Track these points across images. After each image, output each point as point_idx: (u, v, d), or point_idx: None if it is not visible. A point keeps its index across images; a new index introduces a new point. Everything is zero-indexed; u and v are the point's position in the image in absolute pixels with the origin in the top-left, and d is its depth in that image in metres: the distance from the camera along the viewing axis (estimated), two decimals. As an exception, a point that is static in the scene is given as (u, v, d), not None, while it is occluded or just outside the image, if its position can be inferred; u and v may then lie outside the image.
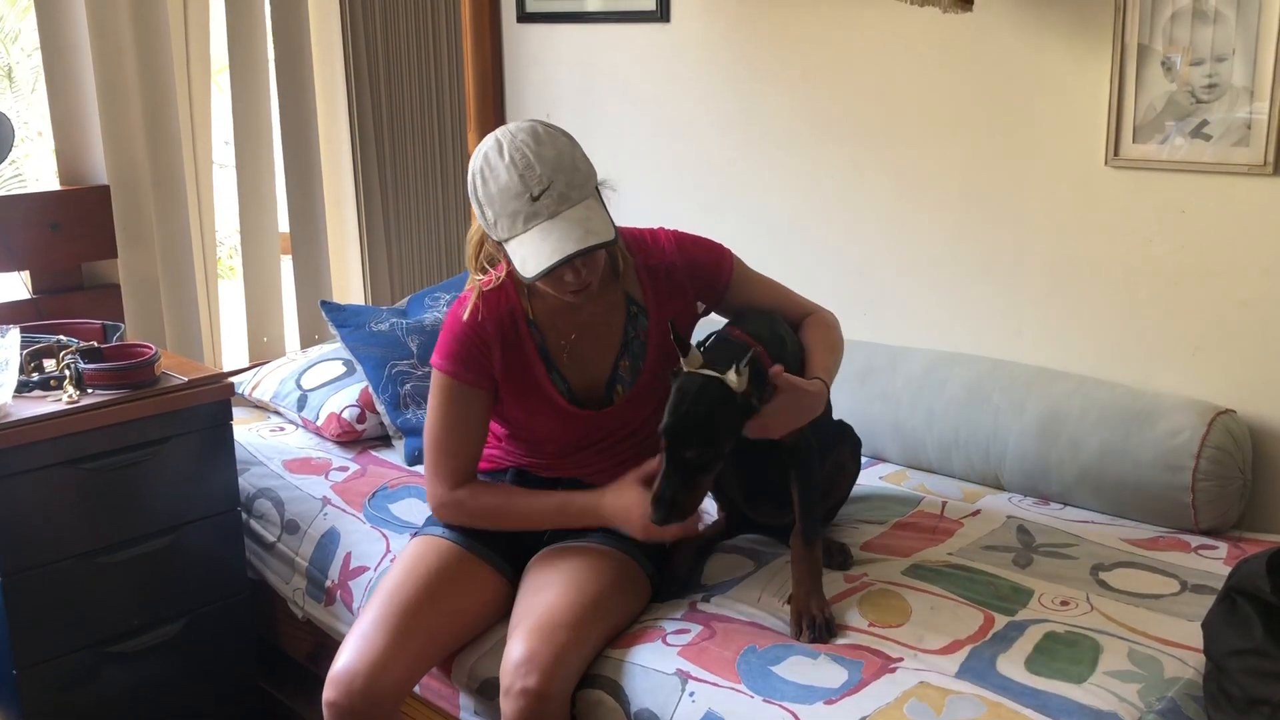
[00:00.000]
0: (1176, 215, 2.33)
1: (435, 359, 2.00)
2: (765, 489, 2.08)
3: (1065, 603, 1.95)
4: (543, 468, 2.09)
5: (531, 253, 1.79)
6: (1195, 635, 1.77)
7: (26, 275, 2.72)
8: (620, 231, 2.03)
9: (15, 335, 2.17)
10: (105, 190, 2.78)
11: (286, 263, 3.31)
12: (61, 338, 2.38)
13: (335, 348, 2.98)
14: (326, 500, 2.50)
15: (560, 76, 3.31)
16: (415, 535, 2.12)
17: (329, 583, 2.35)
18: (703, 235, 2.10)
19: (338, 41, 3.20)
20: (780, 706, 1.70)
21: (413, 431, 2.69)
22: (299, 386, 2.89)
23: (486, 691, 1.96)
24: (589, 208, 1.82)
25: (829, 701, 1.70)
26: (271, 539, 2.51)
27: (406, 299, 3.08)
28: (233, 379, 2.79)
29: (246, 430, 2.84)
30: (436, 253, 3.50)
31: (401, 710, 1.93)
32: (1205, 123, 2.24)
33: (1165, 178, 2.32)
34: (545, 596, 1.89)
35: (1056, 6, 2.40)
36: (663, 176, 3.13)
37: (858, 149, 2.76)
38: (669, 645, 1.87)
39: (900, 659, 1.79)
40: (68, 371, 2.22)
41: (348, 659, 1.86)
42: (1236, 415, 2.27)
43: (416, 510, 2.40)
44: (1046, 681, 1.72)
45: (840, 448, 2.17)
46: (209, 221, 3.11)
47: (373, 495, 2.49)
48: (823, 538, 2.14)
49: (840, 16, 2.72)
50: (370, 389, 2.76)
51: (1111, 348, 2.45)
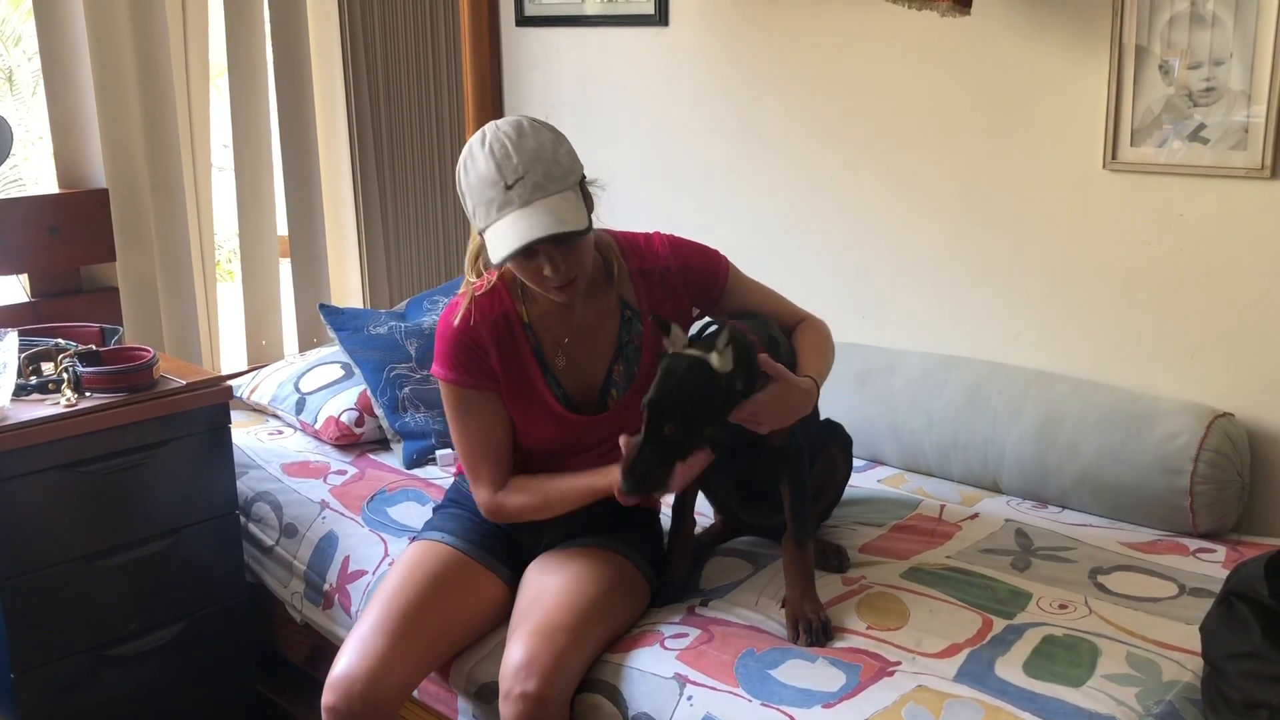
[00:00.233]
0: (1174, 219, 2.33)
1: (435, 369, 2.00)
2: (758, 491, 2.08)
3: (1063, 606, 1.95)
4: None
5: (501, 239, 1.80)
6: (1193, 638, 1.77)
7: (25, 278, 2.72)
8: (614, 236, 2.04)
9: (13, 338, 2.17)
10: (104, 193, 2.78)
11: (285, 266, 3.31)
12: (60, 341, 2.38)
13: (334, 351, 2.98)
14: (325, 504, 2.50)
15: (559, 80, 3.31)
16: (414, 539, 2.12)
17: (327, 586, 2.35)
18: (699, 240, 2.10)
19: (336, 44, 3.21)
20: (778, 710, 1.70)
21: (411, 435, 2.69)
22: (297, 390, 2.89)
23: (485, 695, 1.96)
24: (565, 199, 1.81)
25: (827, 705, 1.70)
26: (270, 542, 2.51)
27: (405, 302, 3.08)
28: (231, 382, 2.79)
29: (245, 434, 2.84)
30: (435, 256, 3.50)
31: (400, 714, 1.92)
32: (1203, 126, 2.24)
33: (1163, 181, 2.32)
34: (545, 600, 1.89)
35: (1054, 10, 2.40)
36: (661, 180, 3.13)
37: (856, 152, 2.76)
38: (667, 649, 1.87)
39: (898, 662, 1.79)
40: (66, 375, 2.22)
41: (347, 663, 1.86)
42: (1234, 418, 2.27)
43: (414, 514, 2.40)
44: (1045, 685, 1.71)
45: (831, 448, 2.17)
46: (208, 225, 3.11)
47: (371, 499, 2.49)
48: (820, 540, 2.14)
49: (838, 20, 2.72)
50: (369, 392, 2.76)
51: (1110, 351, 2.45)
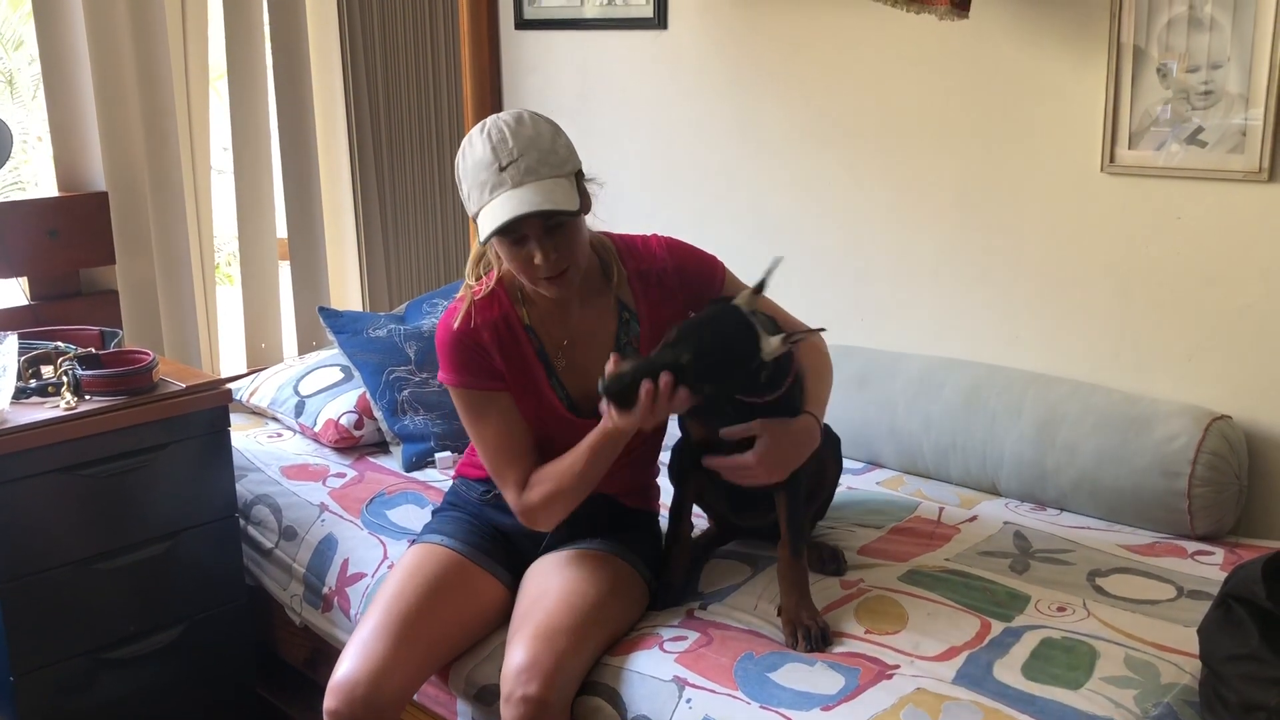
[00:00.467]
0: (1172, 221, 2.33)
1: (442, 375, 1.99)
2: (748, 499, 2.07)
3: (1062, 608, 1.95)
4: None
5: (490, 218, 1.81)
6: (1191, 641, 1.77)
7: (24, 281, 2.73)
8: (612, 238, 2.05)
9: (13, 341, 2.18)
10: (103, 197, 2.78)
11: (284, 269, 3.31)
12: (59, 344, 2.39)
13: (333, 354, 2.99)
14: (324, 506, 2.50)
15: (558, 83, 3.31)
16: (414, 542, 2.12)
17: (326, 589, 2.35)
18: (697, 243, 2.10)
19: (336, 48, 3.21)
20: (777, 713, 1.71)
21: (410, 438, 2.69)
22: (297, 393, 2.89)
23: (484, 698, 1.96)
24: (558, 184, 1.82)
25: (826, 708, 1.70)
26: (269, 545, 2.51)
27: (404, 305, 3.09)
28: (230, 385, 2.80)
29: (244, 436, 2.84)
30: (434, 259, 3.50)
31: (401, 718, 1.92)
32: (1201, 129, 2.25)
33: (1161, 184, 2.32)
34: (545, 603, 1.89)
35: (1053, 13, 2.41)
36: (659, 182, 3.13)
37: (854, 156, 2.77)
38: (666, 652, 1.87)
39: (897, 665, 1.79)
40: (65, 378, 2.22)
41: (349, 667, 1.85)
42: (1232, 421, 2.27)
43: (414, 516, 2.40)
44: (1043, 688, 1.72)
45: (822, 449, 2.16)
46: (207, 228, 3.12)
47: (370, 501, 2.49)
48: (818, 543, 2.15)
49: (837, 24, 2.73)
50: (368, 395, 2.76)
51: (1108, 353, 2.46)
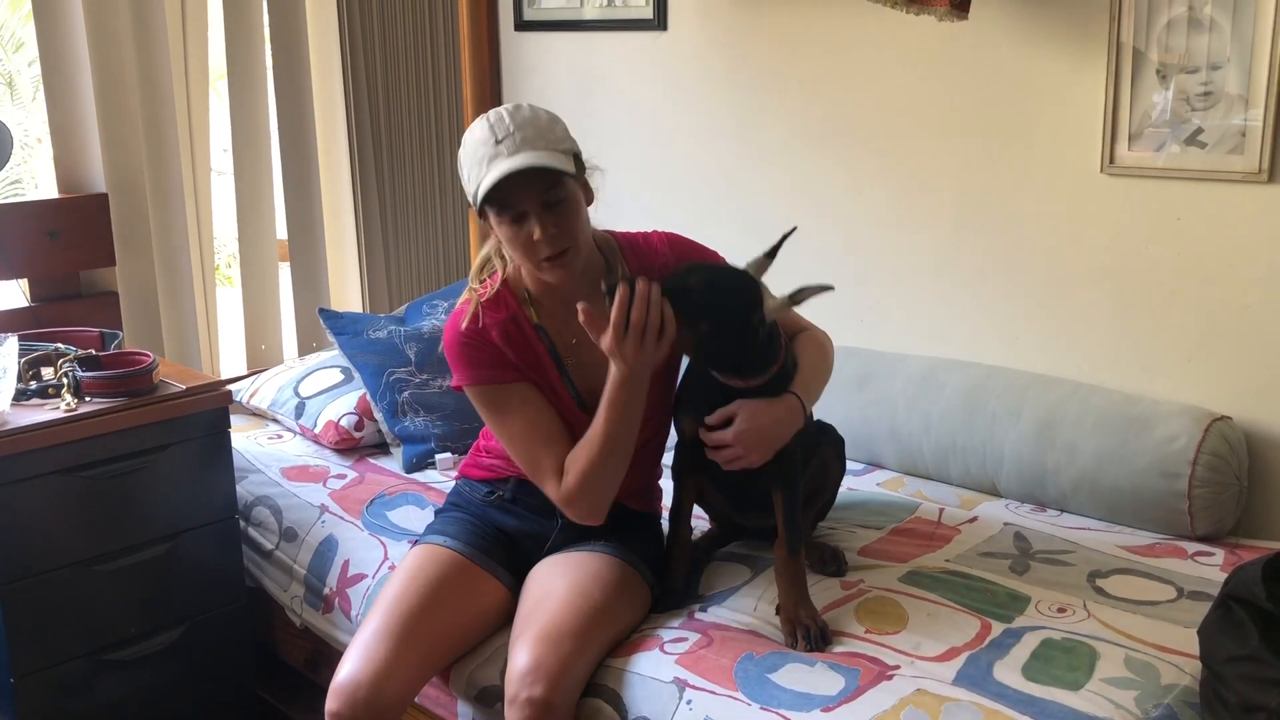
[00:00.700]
0: (1172, 222, 2.33)
1: (457, 379, 1.98)
2: (749, 495, 2.08)
3: (1062, 609, 1.95)
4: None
5: (486, 185, 1.82)
6: (1192, 642, 1.77)
7: (24, 283, 2.73)
8: (616, 236, 2.06)
9: (13, 343, 2.18)
10: (104, 198, 2.78)
11: (284, 270, 3.31)
12: (59, 346, 2.39)
13: (333, 355, 2.99)
14: (324, 508, 2.50)
15: (557, 85, 3.31)
16: (415, 543, 2.12)
17: (327, 590, 2.35)
18: (698, 242, 2.11)
19: (336, 49, 3.21)
20: (777, 714, 1.71)
21: (410, 439, 2.69)
22: (297, 394, 2.89)
23: (485, 699, 1.96)
24: (554, 156, 1.83)
25: (826, 709, 1.70)
26: (269, 546, 2.52)
27: (404, 306, 3.09)
28: (231, 387, 2.80)
29: (244, 438, 2.84)
30: (434, 260, 3.50)
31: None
32: (1200, 130, 2.25)
33: (1160, 185, 2.33)
34: (549, 605, 1.89)
35: (1052, 14, 2.41)
36: (659, 184, 3.13)
37: (854, 156, 2.77)
38: (666, 653, 1.87)
39: (897, 666, 1.79)
40: (66, 379, 2.23)
41: (351, 669, 1.85)
42: (1232, 422, 2.27)
43: (414, 518, 2.40)
44: (1043, 689, 1.72)
45: (823, 449, 2.17)
46: (207, 229, 3.12)
47: (371, 503, 2.50)
48: (818, 544, 2.15)
49: (837, 25, 2.73)
50: (368, 396, 2.76)
51: (1107, 354, 2.46)
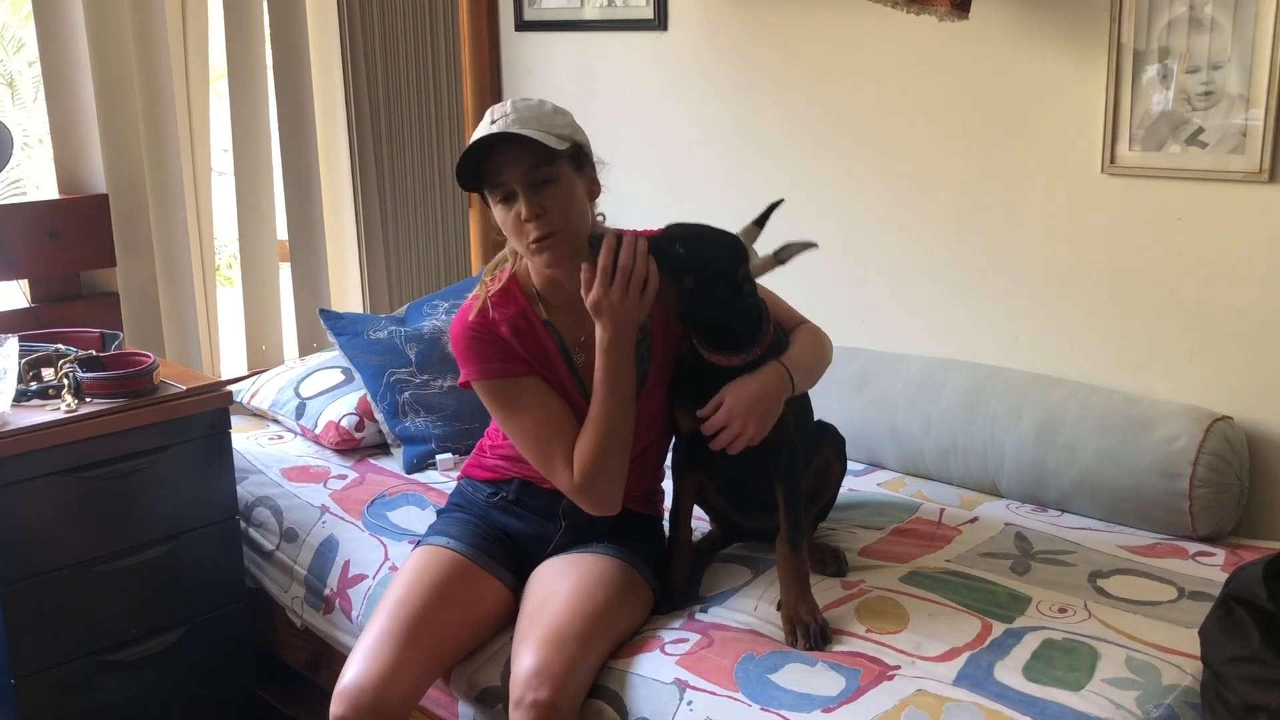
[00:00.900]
0: (1173, 222, 2.33)
1: (465, 374, 1.97)
2: (751, 496, 2.08)
3: (1063, 610, 1.95)
4: (545, 478, 2.08)
5: (463, 154, 1.87)
6: (1193, 642, 1.77)
7: (25, 284, 2.73)
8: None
9: (14, 344, 2.18)
10: (104, 199, 2.78)
11: (285, 270, 3.31)
12: (60, 346, 2.39)
13: (333, 356, 2.99)
14: (325, 508, 2.50)
15: (558, 85, 3.31)
16: (418, 545, 2.12)
17: (328, 591, 2.35)
18: None
19: (336, 49, 3.21)
20: (778, 715, 1.70)
21: (411, 439, 2.69)
22: (297, 395, 2.89)
23: (486, 700, 1.96)
24: (545, 136, 1.85)
25: (827, 709, 1.70)
26: (270, 547, 2.52)
27: (405, 307, 3.08)
28: (231, 387, 2.80)
29: (245, 438, 2.84)
30: (435, 260, 3.50)
31: (405, 721, 1.92)
32: (1201, 130, 2.25)
33: (1161, 185, 2.33)
34: (553, 607, 1.88)
35: (1052, 14, 2.41)
36: (660, 184, 3.13)
37: (854, 157, 2.77)
38: (667, 654, 1.87)
39: (898, 666, 1.79)
40: (66, 380, 2.23)
41: (356, 672, 1.84)
42: (1233, 422, 2.27)
43: (415, 518, 2.40)
44: (1044, 689, 1.72)
45: (825, 448, 2.17)
46: (207, 229, 3.12)
47: (371, 503, 2.49)
48: (819, 544, 2.15)
49: (837, 25, 2.73)
50: (369, 397, 2.76)
51: (1108, 354, 2.46)
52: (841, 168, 2.79)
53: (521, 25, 3.38)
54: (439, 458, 2.66)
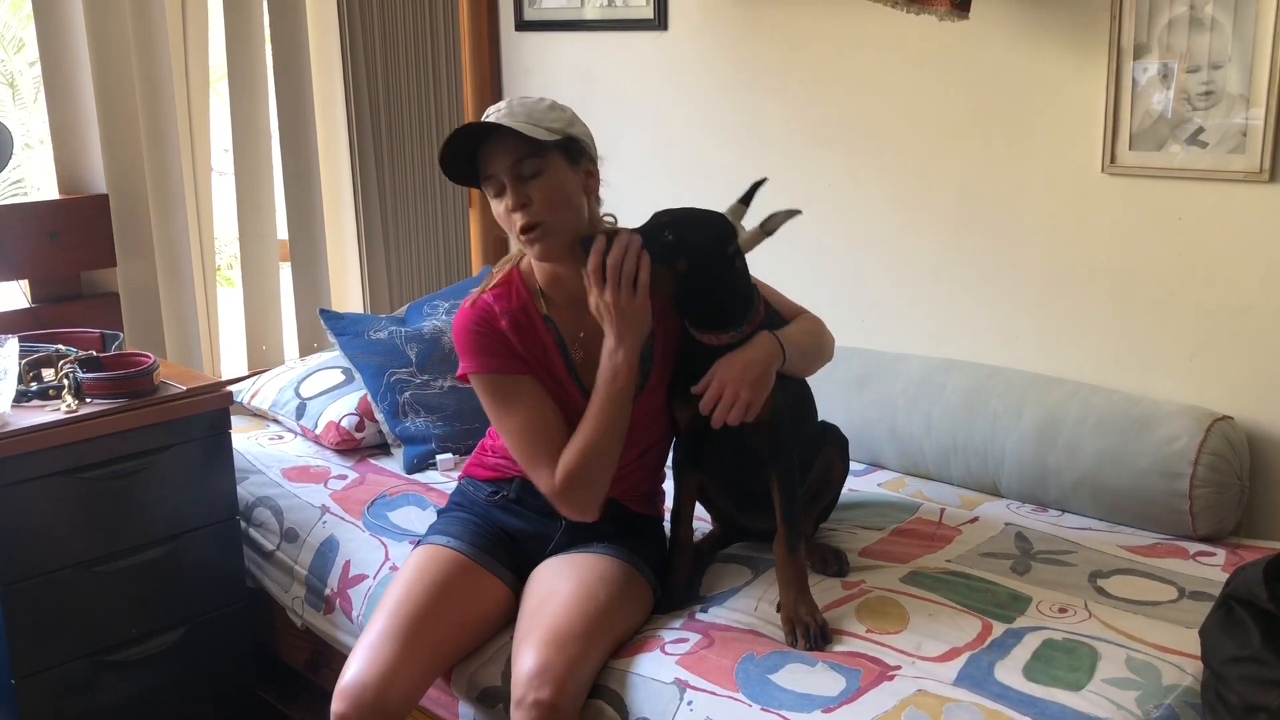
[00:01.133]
0: (1173, 222, 2.33)
1: (463, 367, 1.98)
2: (752, 494, 2.08)
3: (1063, 610, 1.95)
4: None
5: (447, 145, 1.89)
6: (1193, 642, 1.77)
7: (25, 284, 2.73)
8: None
9: (14, 345, 2.18)
10: (104, 199, 2.79)
11: (285, 270, 3.31)
12: (60, 347, 2.39)
13: (334, 356, 2.99)
14: (325, 508, 2.50)
15: (558, 84, 3.31)
16: (418, 544, 2.12)
17: (328, 591, 2.35)
18: None
19: (336, 48, 3.21)
20: (778, 715, 1.70)
21: (411, 440, 2.69)
22: (298, 395, 2.89)
23: (487, 700, 1.96)
24: (529, 128, 1.86)
25: (827, 709, 1.70)
26: (270, 547, 2.52)
27: (405, 307, 3.09)
28: (231, 387, 2.80)
29: (245, 439, 2.84)
30: (435, 261, 3.50)
31: (406, 720, 1.92)
32: (1201, 130, 2.25)
33: (1162, 185, 2.32)
34: (554, 606, 1.88)
35: (1053, 13, 2.41)
36: (660, 184, 3.13)
37: (855, 156, 2.77)
38: (667, 654, 1.87)
39: (898, 666, 1.79)
40: (66, 381, 2.22)
41: (357, 670, 1.84)
42: (1234, 422, 2.27)
43: (415, 518, 2.40)
44: (1044, 689, 1.72)
45: (827, 448, 2.17)
46: (208, 230, 3.12)
47: (371, 503, 2.49)
48: (820, 544, 2.15)
49: (837, 25, 2.73)
50: (369, 397, 2.76)
51: (1108, 354, 2.46)
52: (842, 167, 2.79)
53: (521, 25, 3.38)
54: (439, 458, 2.66)
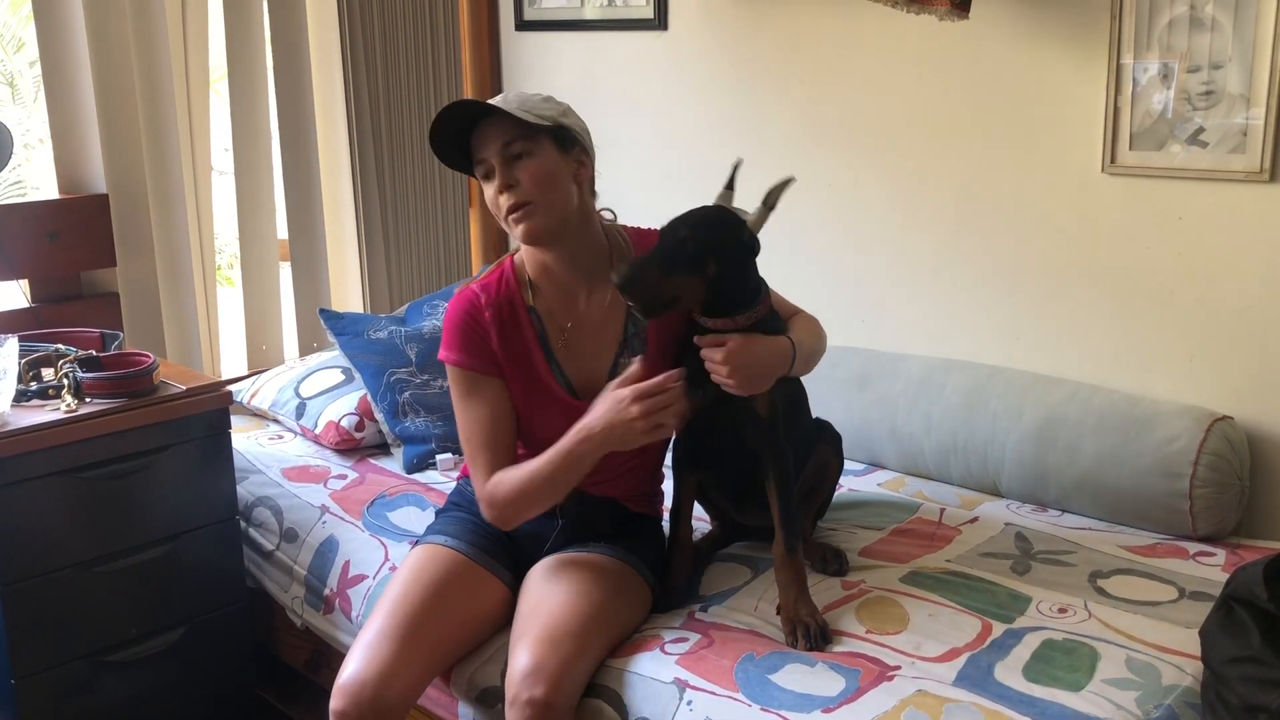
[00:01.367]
0: (1174, 222, 2.33)
1: (441, 353, 2.01)
2: (750, 493, 2.08)
3: (1063, 610, 1.95)
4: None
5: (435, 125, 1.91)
6: (1193, 642, 1.77)
7: (25, 284, 2.73)
8: (626, 230, 2.10)
9: (13, 344, 2.18)
10: (104, 199, 2.78)
11: (285, 270, 3.31)
12: (60, 346, 2.39)
13: (334, 355, 2.99)
14: (325, 508, 2.50)
15: (558, 84, 3.31)
16: (416, 544, 2.12)
17: (328, 591, 2.35)
18: None
19: (336, 48, 3.21)
20: (778, 715, 1.70)
21: (411, 440, 2.69)
22: (297, 394, 2.89)
23: (486, 700, 1.96)
24: (519, 112, 1.88)
25: (827, 710, 1.70)
26: (270, 547, 2.51)
27: (405, 307, 3.09)
28: (231, 387, 2.80)
29: (245, 438, 2.84)
30: (435, 260, 3.50)
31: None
32: (1202, 129, 2.25)
33: (1162, 185, 2.32)
34: (549, 606, 1.89)
35: (1053, 13, 2.41)
36: (660, 184, 3.13)
37: (855, 156, 2.77)
38: (667, 654, 1.87)
39: (898, 667, 1.79)
40: (66, 380, 2.22)
41: (355, 668, 1.85)
42: (1234, 422, 2.27)
43: (415, 518, 2.40)
44: (1044, 689, 1.72)
45: (822, 445, 2.17)
46: (208, 229, 3.12)
47: (371, 503, 2.49)
48: (819, 543, 2.15)
49: (837, 25, 2.72)
50: (369, 397, 2.76)
51: (1109, 354, 2.45)
52: (842, 167, 2.79)
53: (521, 25, 3.38)
54: (439, 458, 2.66)
